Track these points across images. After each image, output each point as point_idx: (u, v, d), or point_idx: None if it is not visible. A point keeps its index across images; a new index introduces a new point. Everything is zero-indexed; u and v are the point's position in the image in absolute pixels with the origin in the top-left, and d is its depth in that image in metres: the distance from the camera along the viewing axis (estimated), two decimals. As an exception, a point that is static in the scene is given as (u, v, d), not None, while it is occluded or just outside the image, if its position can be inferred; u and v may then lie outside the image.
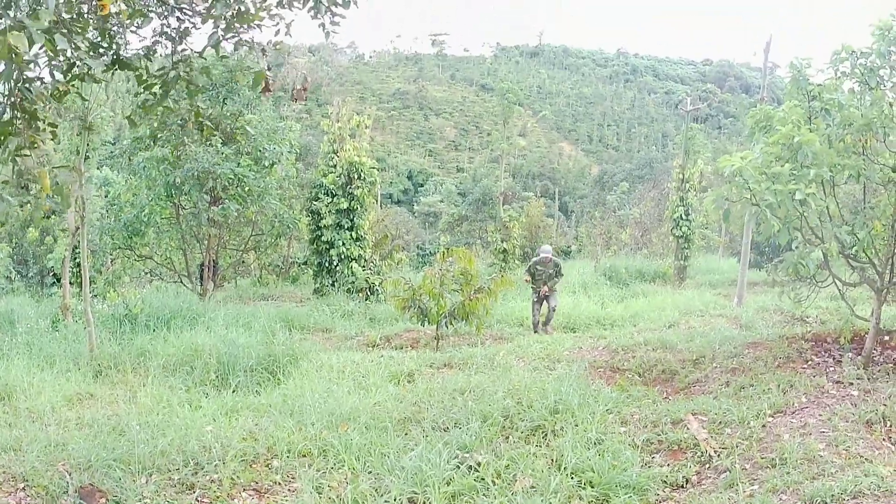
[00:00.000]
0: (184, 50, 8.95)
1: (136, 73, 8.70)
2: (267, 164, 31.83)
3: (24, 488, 9.31)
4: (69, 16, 7.12)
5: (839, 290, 14.95)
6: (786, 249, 14.29)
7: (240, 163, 29.71)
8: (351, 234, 35.18)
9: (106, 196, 35.25)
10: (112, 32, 8.31)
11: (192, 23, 8.86)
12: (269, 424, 11.70)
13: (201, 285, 32.39)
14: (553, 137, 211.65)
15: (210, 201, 30.43)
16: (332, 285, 34.94)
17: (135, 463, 9.70)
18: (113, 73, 8.74)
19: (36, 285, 43.89)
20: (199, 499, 9.31)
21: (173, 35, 8.89)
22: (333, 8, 9.24)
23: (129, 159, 31.18)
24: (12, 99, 7.18)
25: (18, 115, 7.34)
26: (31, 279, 45.32)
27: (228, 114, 31.10)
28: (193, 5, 8.60)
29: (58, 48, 6.59)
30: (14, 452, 10.31)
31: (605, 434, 11.00)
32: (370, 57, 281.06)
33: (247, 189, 30.51)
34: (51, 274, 41.73)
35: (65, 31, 6.75)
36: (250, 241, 36.38)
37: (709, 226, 52.90)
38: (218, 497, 9.34)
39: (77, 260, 24.43)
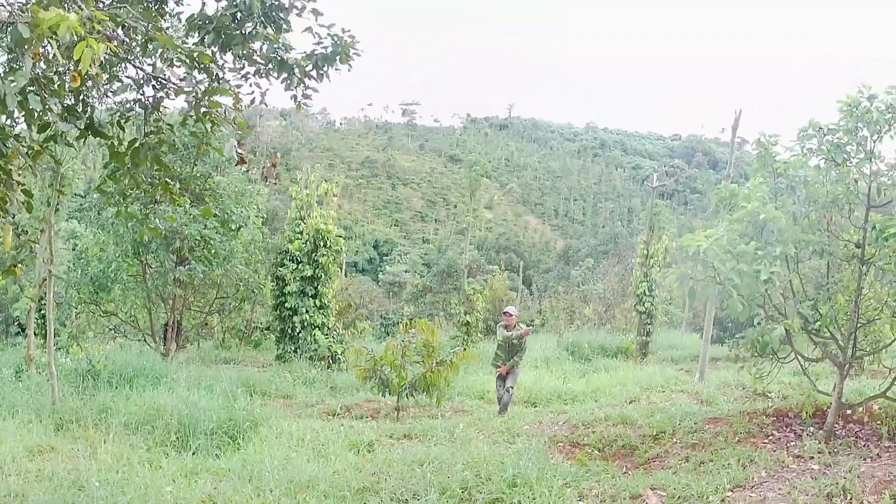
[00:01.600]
0: (157, 120, 9.02)
1: (109, 142, 8.76)
2: (234, 227, 31.63)
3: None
4: (44, 79, 7.16)
5: (801, 365, 15.06)
6: (748, 325, 14.39)
7: (207, 224, 29.59)
8: (315, 302, 35.21)
9: (73, 249, 35.19)
10: (86, 97, 8.37)
11: (166, 93, 8.94)
12: (227, 489, 11.68)
13: (164, 345, 32.18)
14: (519, 210, 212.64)
15: (176, 261, 30.30)
16: (295, 352, 34.84)
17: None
18: (85, 140, 8.78)
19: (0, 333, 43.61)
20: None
21: (147, 104, 8.96)
22: (306, 80, 9.39)
23: (98, 214, 31.11)
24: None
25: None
26: (-6, 327, 45.06)
27: (198, 174, 31.12)
28: (168, 77, 8.67)
29: (30, 107, 6.62)
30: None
31: (562, 508, 11.01)
32: (341, 124, 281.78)
33: (213, 251, 30.33)
34: (15, 323, 41.46)
35: (38, 92, 6.78)
36: (215, 304, 36.22)
37: (672, 301, 53.06)
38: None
39: (43, 311, 24.35)
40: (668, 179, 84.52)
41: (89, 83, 8.13)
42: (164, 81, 8.81)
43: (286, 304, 35.24)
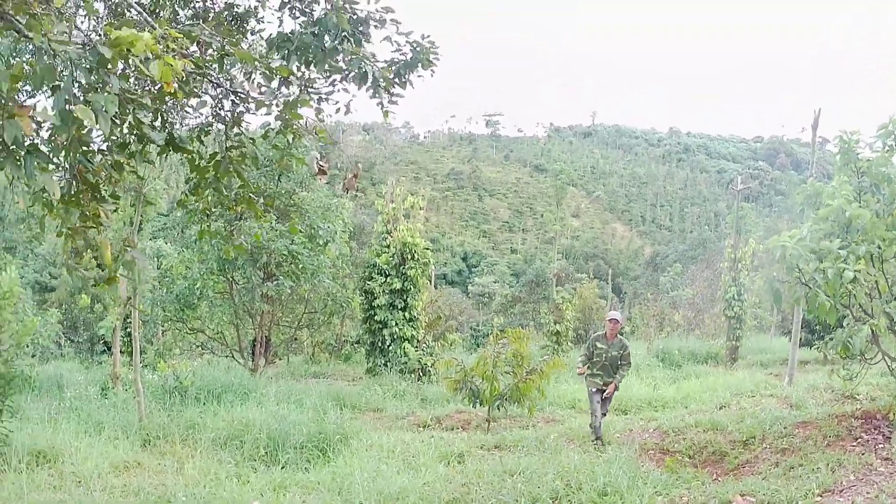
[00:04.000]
0: (237, 134, 9.07)
1: (189, 156, 8.82)
2: (321, 242, 31.75)
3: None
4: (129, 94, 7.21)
5: (888, 366, 14.83)
6: (836, 327, 14.20)
7: (293, 240, 29.69)
8: (404, 315, 35.03)
9: (158, 268, 35.54)
10: (165, 114, 8.43)
11: (247, 107, 8.99)
12: (317, 502, 11.69)
13: (253, 361, 32.40)
14: (606, 218, 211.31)
15: (263, 277, 30.44)
16: (385, 365, 34.57)
17: (179, 534, 9.70)
18: (167, 156, 8.85)
19: (85, 352, 44.06)
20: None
21: (227, 118, 9.01)
22: (391, 88, 9.39)
23: (182, 232, 31.31)
24: (74, 171, 7.29)
25: (81, 188, 7.45)
26: (81, 345, 45.50)
27: (283, 191, 31.26)
28: (248, 91, 8.71)
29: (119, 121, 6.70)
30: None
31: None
32: (424, 137, 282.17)
33: (300, 266, 30.36)
34: (101, 341, 41.84)
35: (124, 107, 6.84)
36: (303, 319, 36.35)
37: (761, 305, 52.44)
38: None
39: (128, 329, 24.59)
40: (752, 182, 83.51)
41: (169, 101, 8.18)
42: (243, 95, 8.86)
43: (375, 318, 35.09)
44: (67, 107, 6.03)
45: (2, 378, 14.40)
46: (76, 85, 6.23)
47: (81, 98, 6.16)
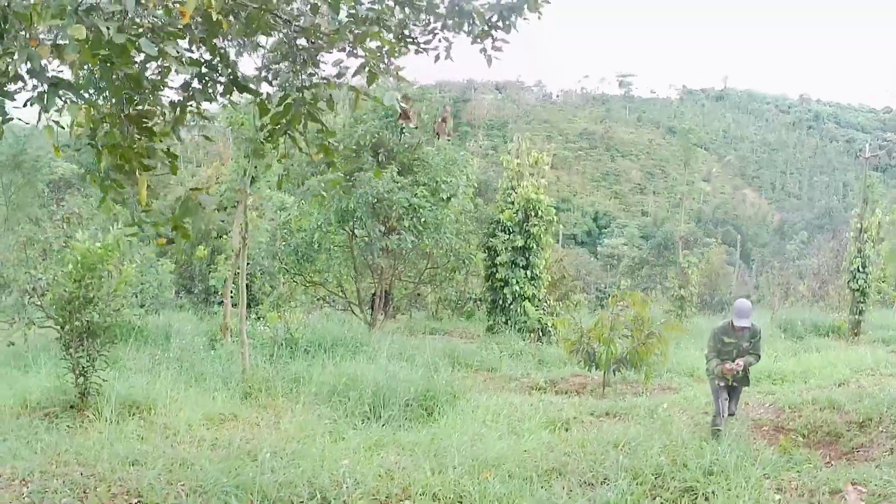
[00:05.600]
0: (311, 74, 8.64)
1: (258, 99, 8.44)
2: (443, 196, 31.65)
3: (137, 503, 9.22)
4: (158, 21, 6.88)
5: None
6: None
7: (416, 193, 29.61)
8: (526, 273, 34.94)
9: (283, 221, 35.55)
10: (224, 52, 8.07)
11: (321, 45, 8.50)
12: (408, 463, 11.41)
13: (371, 315, 32.42)
14: (737, 183, 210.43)
15: (385, 231, 30.23)
16: (505, 323, 34.63)
17: (256, 491, 9.49)
18: (230, 96, 8.47)
19: (201, 303, 44.53)
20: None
21: (303, 58, 8.54)
22: (494, 32, 8.90)
23: (301, 184, 31.22)
24: (123, 109, 7.04)
25: (130, 128, 7.19)
26: (197, 297, 46.03)
27: (406, 145, 31.06)
28: (319, 25, 8.20)
29: (144, 51, 6.33)
30: (137, 467, 10.28)
31: (757, 502, 10.44)
32: (557, 96, 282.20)
33: (423, 220, 30.16)
34: (216, 293, 42.21)
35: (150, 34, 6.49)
36: (425, 274, 36.36)
37: (885, 279, 51.38)
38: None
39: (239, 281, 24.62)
40: (880, 152, 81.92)
41: (227, 35, 7.86)
42: (318, 33, 8.39)
43: (497, 275, 35.10)
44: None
45: (98, 328, 14.40)
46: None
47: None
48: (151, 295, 32.50)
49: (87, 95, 6.86)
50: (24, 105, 6.26)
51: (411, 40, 8.55)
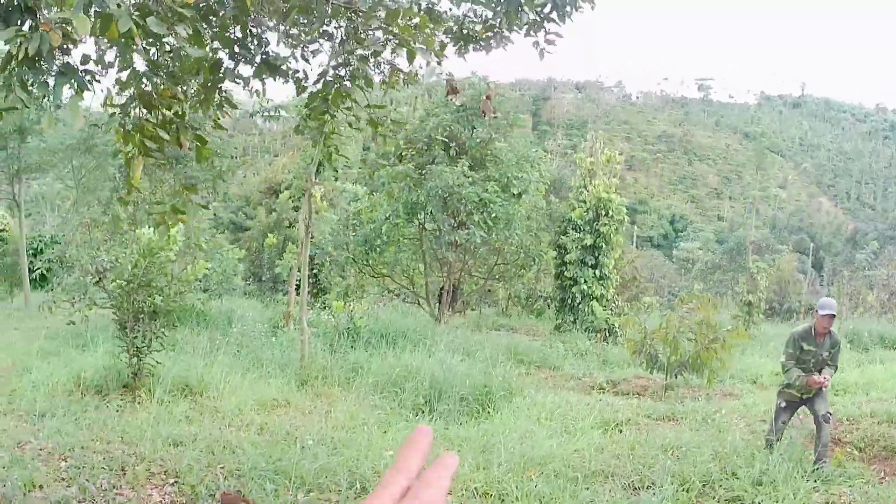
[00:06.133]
0: (350, 52, 8.46)
1: (294, 77, 8.35)
2: (515, 192, 31.50)
3: (174, 483, 9.27)
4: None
5: None
6: None
7: (487, 188, 29.50)
8: (594, 272, 34.94)
9: (355, 212, 35.69)
10: (255, 31, 7.98)
11: (355, 25, 8.36)
12: (454, 458, 11.31)
13: (439, 309, 32.37)
14: (812, 191, 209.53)
15: (454, 225, 30.15)
16: (573, 322, 34.70)
17: (295, 477, 9.46)
18: (263, 78, 8.36)
19: (268, 290, 44.94)
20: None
21: (343, 37, 8.39)
22: (546, 25, 8.75)
23: (371, 175, 31.26)
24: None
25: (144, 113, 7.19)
26: (265, 284, 46.44)
27: (478, 139, 30.98)
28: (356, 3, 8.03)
29: (152, 31, 6.24)
30: (180, 448, 10.33)
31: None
32: (636, 97, 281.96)
33: (493, 216, 29.99)
34: (283, 281, 42.60)
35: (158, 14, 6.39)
36: (495, 270, 36.19)
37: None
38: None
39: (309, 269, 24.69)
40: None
41: (254, 16, 7.79)
42: (357, 10, 8.23)
43: (566, 274, 35.19)
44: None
45: (158, 311, 14.50)
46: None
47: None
48: (216, 281, 32.64)
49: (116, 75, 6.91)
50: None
51: (471, 37, 8.47)
